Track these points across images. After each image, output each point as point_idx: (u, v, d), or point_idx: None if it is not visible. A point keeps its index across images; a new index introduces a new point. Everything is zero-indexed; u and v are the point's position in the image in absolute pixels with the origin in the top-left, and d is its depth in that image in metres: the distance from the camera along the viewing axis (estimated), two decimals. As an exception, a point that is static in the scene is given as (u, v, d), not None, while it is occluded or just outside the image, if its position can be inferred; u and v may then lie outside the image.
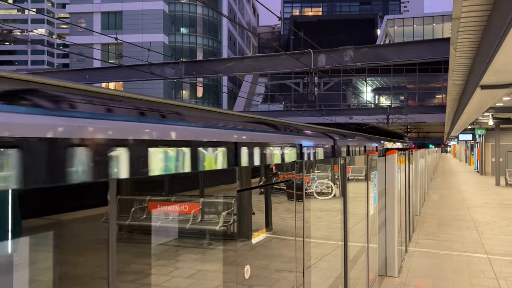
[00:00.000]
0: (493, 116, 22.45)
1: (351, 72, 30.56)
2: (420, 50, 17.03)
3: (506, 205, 17.48)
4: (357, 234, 5.46)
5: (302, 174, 3.62)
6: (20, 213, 1.21)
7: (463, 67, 13.13)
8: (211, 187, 2.30)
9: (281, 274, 3.08)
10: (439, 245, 10.38)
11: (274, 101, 48.08)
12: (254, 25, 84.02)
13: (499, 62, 8.37)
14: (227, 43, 59.86)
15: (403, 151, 9.76)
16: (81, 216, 1.41)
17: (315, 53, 16.23)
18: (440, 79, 44.38)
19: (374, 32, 74.86)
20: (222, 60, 20.59)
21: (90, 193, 1.46)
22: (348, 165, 5.09)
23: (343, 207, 4.89)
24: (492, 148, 31.35)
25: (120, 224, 1.59)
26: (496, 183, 26.16)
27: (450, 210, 15.90)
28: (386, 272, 7.87)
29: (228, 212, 2.41)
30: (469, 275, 7.99)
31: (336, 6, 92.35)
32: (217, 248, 2.25)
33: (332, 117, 37.45)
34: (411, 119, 35.74)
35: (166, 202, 1.91)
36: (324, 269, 4.13)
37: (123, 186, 1.61)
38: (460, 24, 8.55)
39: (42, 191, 1.28)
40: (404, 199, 9.61)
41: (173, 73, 19.57)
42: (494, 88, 11.46)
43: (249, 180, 2.68)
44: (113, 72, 21.89)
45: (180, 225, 1.97)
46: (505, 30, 6.43)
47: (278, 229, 3.12)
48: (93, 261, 1.45)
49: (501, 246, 10.31)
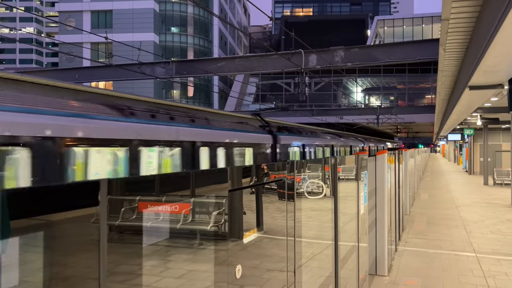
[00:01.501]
0: (481, 117, 22.72)
1: (342, 72, 30.69)
2: (409, 50, 17.17)
3: (494, 204, 17.70)
4: (347, 233, 5.48)
5: (293, 174, 3.62)
6: (8, 213, 1.19)
7: (452, 68, 13.27)
8: (202, 187, 2.30)
9: (272, 273, 3.09)
10: (428, 244, 10.47)
11: (265, 101, 48.10)
12: (245, 25, 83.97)
13: (487, 62, 8.47)
14: (218, 43, 59.74)
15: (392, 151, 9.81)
16: (71, 216, 1.40)
17: (306, 53, 16.27)
18: (429, 80, 44.77)
19: (364, 32, 75.26)
20: (213, 60, 20.55)
21: (80, 193, 1.45)
22: (339, 165, 5.11)
23: (333, 207, 4.91)
24: (481, 148, 31.73)
25: (111, 224, 1.58)
26: (484, 182, 26.48)
27: (439, 209, 16.06)
28: (376, 271, 7.92)
29: (219, 212, 2.40)
30: (458, 274, 8.08)
31: (326, 6, 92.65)
32: (208, 248, 2.25)
33: (323, 117, 37.57)
34: (401, 119, 35.99)
35: (157, 202, 1.89)
36: (315, 268, 4.14)
37: (113, 186, 1.60)
38: (449, 25, 8.64)
39: (32, 191, 1.27)
40: (394, 199, 9.68)
41: (164, 73, 19.48)
42: (482, 89, 11.60)
43: (240, 180, 2.68)
44: (103, 71, 21.73)
45: (170, 225, 1.96)
46: (493, 31, 6.51)
47: (269, 229, 3.12)
48: (84, 261, 1.44)
49: (489, 244, 10.44)
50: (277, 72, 18.91)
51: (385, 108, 39.61)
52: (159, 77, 19.22)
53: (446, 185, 26.33)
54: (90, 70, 22.91)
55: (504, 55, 7.88)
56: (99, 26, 51.02)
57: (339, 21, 79.57)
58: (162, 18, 53.38)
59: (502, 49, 7.36)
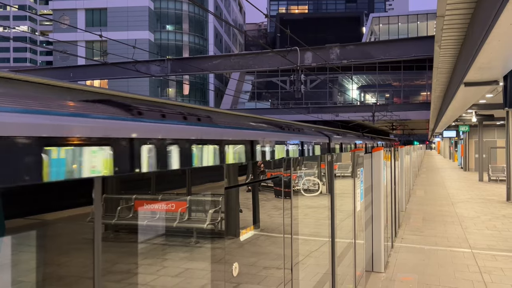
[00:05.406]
0: (476, 113, 22.81)
1: (337, 69, 30.71)
2: (405, 48, 17.20)
3: (489, 200, 17.80)
4: (344, 230, 5.49)
5: (289, 172, 3.62)
6: (2, 213, 1.18)
7: (447, 65, 13.30)
8: (198, 185, 2.28)
9: (269, 271, 3.08)
10: (424, 240, 10.51)
11: (261, 98, 48.07)
12: (241, 22, 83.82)
13: (482, 59, 8.50)
14: (213, 41, 59.61)
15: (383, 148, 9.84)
16: (66, 215, 1.38)
17: (301, 51, 16.27)
18: (424, 77, 44.92)
19: (359, 30, 75.35)
20: (208, 58, 20.49)
21: (75, 191, 1.43)
22: (335, 162, 5.11)
23: (330, 204, 4.91)
24: (476, 145, 31.88)
25: (106, 223, 1.56)
26: (480, 178, 26.62)
27: (435, 206, 16.13)
28: (372, 268, 7.95)
29: (216, 210, 2.39)
30: (454, 270, 8.12)
31: (322, 4, 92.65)
32: (205, 246, 2.24)
33: (319, 115, 37.61)
34: (396, 116, 36.11)
35: (153, 201, 1.88)
36: (312, 265, 4.14)
37: (109, 184, 1.58)
38: (444, 22, 8.65)
39: (26, 190, 1.25)
40: (390, 195, 9.71)
41: (159, 71, 19.41)
42: (477, 85, 11.64)
43: (236, 178, 2.67)
44: (98, 69, 21.63)
45: (167, 223, 1.94)
46: (488, 27, 6.53)
47: (266, 227, 3.12)
48: (79, 261, 1.42)
49: (484, 240, 10.49)
50: (272, 70, 18.90)
51: (380, 105, 39.70)
52: (154, 75, 19.16)
53: (441, 181, 26.45)
54: (85, 68, 22.79)
55: (499, 51, 7.90)
56: (93, 24, 50.76)
57: (334, 18, 79.61)
58: (157, 16, 53.19)
59: (497, 45, 7.39)
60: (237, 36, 77.62)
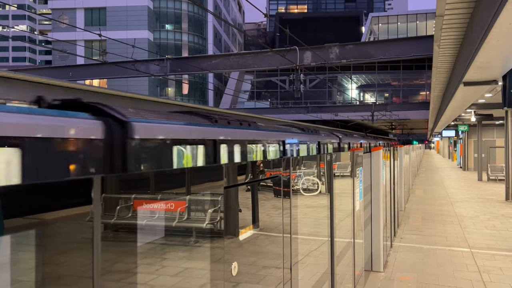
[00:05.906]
0: (475, 113, 22.83)
1: (337, 69, 30.71)
2: (404, 47, 17.22)
3: (488, 200, 17.82)
4: (343, 230, 5.49)
5: (289, 171, 3.62)
6: (1, 212, 1.18)
7: (446, 64, 13.31)
8: (197, 184, 2.28)
9: (268, 270, 3.08)
10: (423, 239, 10.52)
11: (260, 98, 48.06)
12: (240, 22, 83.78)
13: (481, 59, 8.51)
14: (212, 40, 59.58)
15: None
16: (65, 215, 1.38)
17: (300, 50, 16.27)
18: (424, 76, 44.93)
19: (359, 29, 75.37)
20: (207, 57, 20.49)
21: (74, 191, 1.43)
22: (334, 162, 5.11)
23: (329, 203, 4.92)
24: (475, 144, 31.90)
25: (105, 222, 1.56)
26: (479, 178, 26.65)
27: (434, 205, 16.14)
28: (371, 267, 7.95)
29: (215, 210, 2.39)
30: (453, 269, 8.13)
31: (321, 3, 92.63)
32: (204, 246, 2.24)
33: (318, 114, 37.60)
34: (396, 115, 36.12)
35: (152, 200, 1.88)
36: (311, 265, 4.14)
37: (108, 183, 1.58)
38: (443, 21, 8.66)
39: (25, 189, 1.25)
40: (389, 195, 9.71)
41: (158, 70, 19.41)
42: (476, 85, 11.64)
43: (235, 177, 2.67)
44: (97, 69, 21.61)
45: (166, 223, 1.94)
46: (488, 27, 6.53)
47: (265, 226, 3.12)
48: (78, 260, 1.42)
49: (483, 240, 10.51)
50: (272, 69, 18.93)
51: (380, 105, 39.72)
52: (154, 75, 19.16)
53: (440, 181, 26.47)
54: (84, 67, 22.78)
55: (498, 51, 7.91)
56: (93, 23, 50.72)
57: (333, 18, 79.60)
58: (156, 15, 53.16)
59: (496, 45, 7.39)
60: (237, 35, 77.59)
